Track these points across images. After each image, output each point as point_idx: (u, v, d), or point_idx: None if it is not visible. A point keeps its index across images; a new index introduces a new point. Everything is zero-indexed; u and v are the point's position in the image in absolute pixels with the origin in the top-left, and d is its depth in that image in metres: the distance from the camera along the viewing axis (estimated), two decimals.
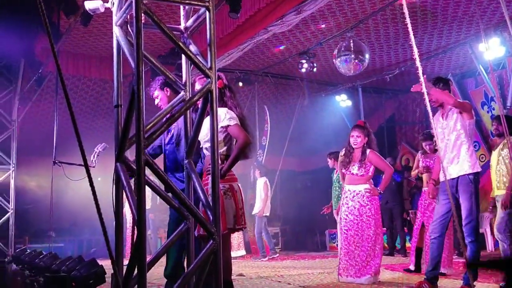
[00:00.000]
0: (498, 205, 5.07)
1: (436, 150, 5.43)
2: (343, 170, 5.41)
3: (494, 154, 5.19)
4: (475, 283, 3.99)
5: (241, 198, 3.45)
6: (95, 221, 2.50)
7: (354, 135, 5.22)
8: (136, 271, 2.27)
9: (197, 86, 3.08)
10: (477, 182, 4.07)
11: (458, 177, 4.06)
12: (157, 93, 4.12)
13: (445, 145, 4.17)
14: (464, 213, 4.01)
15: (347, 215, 5.18)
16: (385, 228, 8.98)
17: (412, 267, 5.92)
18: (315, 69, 9.42)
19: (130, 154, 2.51)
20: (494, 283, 4.49)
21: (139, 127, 2.29)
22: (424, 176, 6.08)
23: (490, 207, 5.45)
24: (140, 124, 2.29)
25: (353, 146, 5.24)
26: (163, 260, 8.87)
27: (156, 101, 4.14)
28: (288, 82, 11.35)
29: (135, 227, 2.39)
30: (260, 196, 9.40)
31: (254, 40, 7.57)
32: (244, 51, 8.12)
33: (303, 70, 9.35)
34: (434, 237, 4.14)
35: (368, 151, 5.18)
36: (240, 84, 10.60)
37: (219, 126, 3.31)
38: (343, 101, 11.56)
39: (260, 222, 9.32)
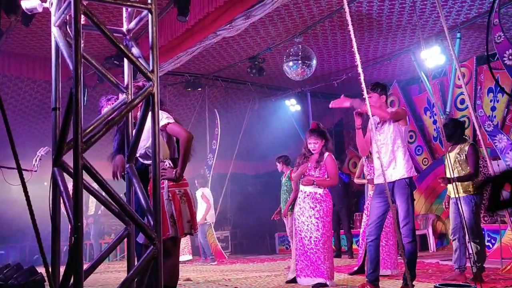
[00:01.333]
0: (452, 208, 5.22)
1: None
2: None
3: (451, 157, 5.27)
4: (414, 282, 4.13)
5: (193, 203, 3.44)
6: (39, 227, 2.41)
7: (312, 142, 5.27)
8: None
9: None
10: (413, 186, 4.22)
11: (394, 181, 4.19)
12: (104, 103, 4.11)
13: (381, 149, 4.28)
14: (401, 215, 4.14)
15: (299, 216, 5.24)
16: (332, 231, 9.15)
17: (355, 268, 6.06)
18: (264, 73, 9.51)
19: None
20: (433, 281, 4.66)
21: (77, 131, 2.23)
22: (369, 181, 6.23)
23: (447, 203, 5.57)
24: (78, 127, 2.23)
25: (312, 151, 5.28)
26: (115, 266, 8.59)
27: (101, 110, 4.12)
28: (238, 86, 11.39)
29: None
30: (200, 205, 9.61)
31: (203, 44, 7.56)
32: (193, 55, 8.09)
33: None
34: (371, 239, 4.25)
35: (326, 153, 5.25)
36: (198, 89, 10.61)
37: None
38: (292, 105, 11.70)
39: (202, 229, 9.49)
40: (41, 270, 4.07)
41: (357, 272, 5.98)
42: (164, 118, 3.32)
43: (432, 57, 8.48)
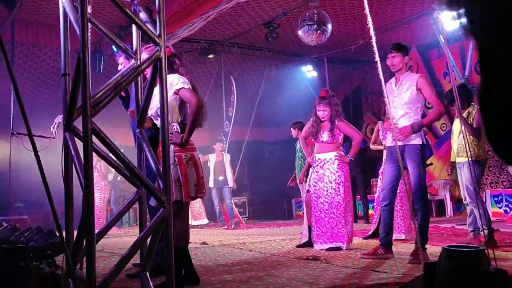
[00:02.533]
0: (460, 171, 5.26)
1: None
2: (312, 140, 5.46)
3: (456, 122, 5.32)
4: (427, 246, 4.15)
5: (201, 167, 3.47)
6: (60, 193, 2.48)
7: (321, 109, 5.25)
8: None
9: (144, 56, 3.03)
10: (424, 152, 4.18)
11: (404, 145, 4.15)
12: (121, 60, 4.15)
13: (394, 112, 4.24)
14: (412, 180, 4.12)
15: (316, 183, 5.25)
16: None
17: (370, 233, 6.11)
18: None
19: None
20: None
21: (85, 96, 2.26)
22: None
23: (449, 170, 5.69)
24: (86, 92, 2.26)
25: (322, 119, 5.27)
26: (135, 231, 8.74)
27: (119, 67, 4.18)
28: (254, 53, 11.31)
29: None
30: (229, 168, 9.77)
31: (217, 9, 7.47)
32: (208, 21, 8.01)
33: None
34: (385, 204, 4.25)
35: (337, 120, 5.24)
36: (211, 56, 10.53)
37: (172, 91, 3.29)
38: (309, 71, 11.60)
39: (229, 192, 9.72)
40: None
41: (371, 236, 6.02)
42: (180, 82, 3.33)
43: (451, 20, 8.25)
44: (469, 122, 5.15)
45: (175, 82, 3.31)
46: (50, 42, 9.14)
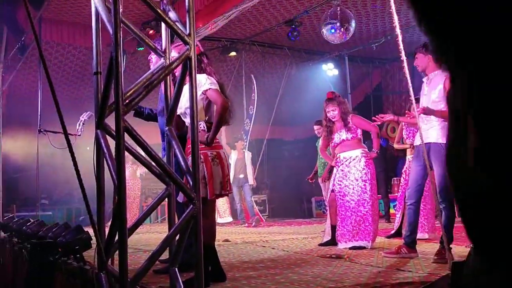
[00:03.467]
0: None
1: None
2: (329, 143, 5.47)
3: None
4: (451, 245, 4.12)
5: (227, 165, 3.51)
6: (86, 189, 2.53)
7: (330, 110, 5.26)
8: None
9: (173, 54, 3.08)
10: None
11: (430, 143, 4.13)
12: (153, 57, 4.21)
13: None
14: (437, 179, 4.09)
15: (341, 181, 5.22)
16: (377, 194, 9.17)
17: (392, 232, 6.08)
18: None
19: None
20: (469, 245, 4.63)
21: (118, 94, 2.31)
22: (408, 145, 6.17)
23: None
24: (119, 90, 2.31)
25: (333, 120, 5.28)
26: (156, 228, 8.84)
27: (151, 64, 4.23)
28: (275, 51, 11.32)
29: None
30: (249, 166, 9.78)
31: (239, 7, 7.51)
32: (230, 19, 8.05)
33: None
34: (411, 203, 4.23)
35: (349, 116, 5.24)
36: (233, 53, 10.58)
37: (200, 91, 3.33)
38: (330, 70, 11.57)
39: (249, 189, 9.75)
40: (87, 229, 4.28)
41: (393, 236, 5.99)
42: (207, 83, 3.38)
43: None
44: None
45: (203, 82, 3.35)
46: (74, 40, 9.30)
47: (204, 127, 3.39)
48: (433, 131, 4.15)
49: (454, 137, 0.64)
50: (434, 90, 4.18)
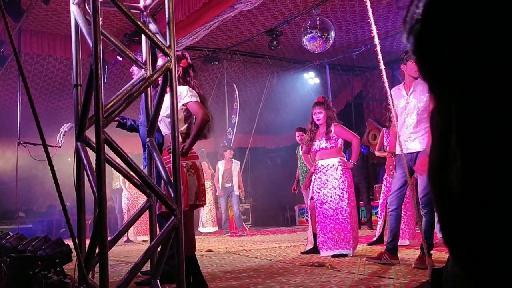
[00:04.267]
0: None
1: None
2: (310, 149, 5.51)
3: None
4: (432, 251, 4.17)
5: (203, 175, 3.49)
6: (65, 202, 2.50)
7: (316, 112, 5.32)
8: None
9: (159, 63, 3.10)
10: None
11: (417, 152, 4.19)
12: (135, 68, 4.23)
13: (404, 120, 4.27)
14: (421, 185, 4.15)
15: (319, 189, 5.27)
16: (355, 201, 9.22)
17: (374, 239, 6.14)
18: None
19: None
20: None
21: (98, 106, 2.30)
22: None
23: None
24: (99, 103, 2.31)
25: (317, 123, 5.34)
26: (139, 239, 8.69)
27: (134, 76, 4.25)
28: (256, 60, 11.38)
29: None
30: (236, 176, 9.73)
31: (220, 18, 7.55)
32: (211, 29, 8.09)
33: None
34: (392, 209, 4.29)
35: (333, 124, 5.29)
36: (216, 63, 10.60)
37: (180, 103, 3.34)
38: (311, 78, 11.67)
39: (237, 199, 9.71)
40: (67, 242, 4.23)
41: (375, 243, 6.04)
42: (188, 96, 3.39)
43: None
44: None
45: (184, 94, 3.36)
46: (54, 51, 9.22)
47: (179, 137, 3.40)
48: (415, 142, 4.22)
49: (438, 161, 0.61)
50: (422, 97, 4.24)
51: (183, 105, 3.36)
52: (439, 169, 0.60)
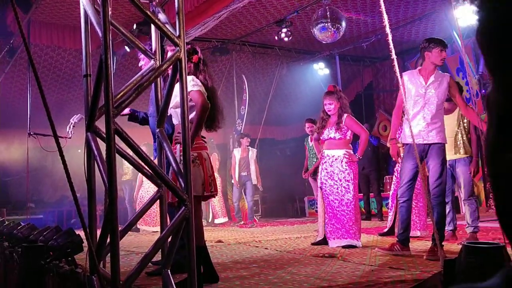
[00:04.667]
0: (460, 167, 5.30)
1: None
2: (319, 137, 5.51)
3: (452, 118, 5.32)
4: (443, 243, 4.15)
5: (210, 166, 3.45)
6: (76, 193, 2.50)
7: (327, 103, 5.30)
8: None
9: (169, 55, 3.09)
10: (445, 150, 4.21)
11: (431, 143, 4.16)
12: (142, 56, 4.21)
13: (420, 109, 4.23)
14: (434, 176, 4.12)
15: (326, 180, 5.27)
16: (361, 194, 9.18)
17: (385, 230, 6.12)
18: (286, 39, 9.41)
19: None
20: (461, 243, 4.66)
21: (108, 96, 2.30)
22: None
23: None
24: (109, 93, 2.30)
25: (329, 113, 5.31)
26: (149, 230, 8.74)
27: (141, 63, 4.21)
28: (266, 51, 11.33)
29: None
30: (253, 164, 9.64)
31: (229, 8, 7.51)
32: (220, 20, 8.05)
33: (284, 38, 9.37)
34: (403, 200, 4.26)
35: (344, 115, 5.26)
36: (225, 54, 10.57)
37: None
38: (320, 69, 11.60)
39: (254, 189, 9.59)
40: (78, 232, 4.25)
41: (387, 234, 6.02)
42: (190, 85, 3.36)
43: (465, 16, 8.21)
44: (464, 122, 5.27)
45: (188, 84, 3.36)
46: (64, 43, 9.23)
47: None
48: (434, 133, 4.18)
49: (500, 140, 0.60)
50: (440, 88, 4.22)
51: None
52: (502, 148, 0.59)
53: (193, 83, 3.38)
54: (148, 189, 8.56)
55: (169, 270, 2.59)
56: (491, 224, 6.49)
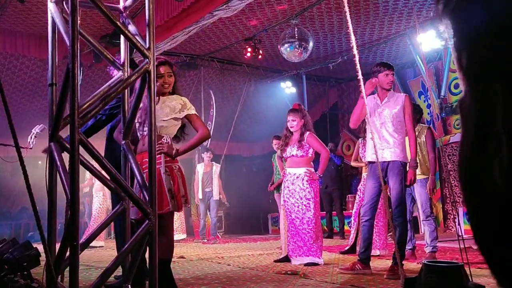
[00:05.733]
0: (418, 189, 5.41)
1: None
2: (282, 154, 5.55)
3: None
4: (403, 262, 4.21)
5: (184, 178, 3.49)
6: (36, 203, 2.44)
7: (290, 119, 5.36)
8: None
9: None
10: (405, 169, 4.29)
11: (389, 162, 4.24)
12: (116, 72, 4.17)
13: (380, 128, 4.33)
14: (394, 195, 4.20)
15: (288, 198, 5.31)
16: (324, 212, 9.26)
17: (346, 248, 6.18)
18: (260, 56, 9.50)
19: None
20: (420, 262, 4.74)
21: (73, 106, 2.26)
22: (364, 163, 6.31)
23: None
24: (75, 102, 2.26)
25: (291, 130, 5.37)
26: (109, 244, 8.53)
27: (114, 73, 4.18)
28: (234, 68, 11.39)
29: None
30: (217, 181, 9.54)
31: (199, 24, 7.54)
32: (189, 35, 8.07)
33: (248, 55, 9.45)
34: (366, 219, 4.32)
35: (307, 133, 5.31)
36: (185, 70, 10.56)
37: (185, 113, 3.42)
38: (287, 88, 11.72)
39: (216, 205, 9.49)
40: (36, 246, 4.12)
41: (348, 252, 6.08)
42: (192, 108, 3.48)
43: (428, 41, 8.50)
44: (420, 140, 5.42)
45: (188, 106, 3.46)
46: (29, 52, 9.04)
47: (168, 140, 3.39)
48: (388, 151, 4.27)
49: (475, 152, 0.54)
50: (396, 107, 4.33)
51: (185, 116, 3.42)
52: (477, 161, 0.53)
53: (189, 106, 3.47)
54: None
55: (129, 285, 2.54)
56: (449, 244, 6.64)
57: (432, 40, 8.54)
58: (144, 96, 2.64)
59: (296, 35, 8.07)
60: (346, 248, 6.23)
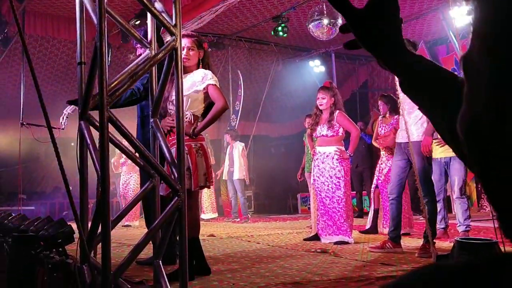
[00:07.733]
0: (446, 166, 5.29)
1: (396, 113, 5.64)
2: (312, 134, 5.50)
3: None
4: (435, 240, 4.15)
5: (209, 157, 3.53)
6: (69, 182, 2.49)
7: (320, 97, 5.29)
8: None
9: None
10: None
11: (413, 142, 4.18)
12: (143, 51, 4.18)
13: (407, 112, 4.25)
14: (418, 174, 4.13)
15: (318, 177, 5.28)
16: (354, 191, 9.19)
17: (367, 228, 6.16)
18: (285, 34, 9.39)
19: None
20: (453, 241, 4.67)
21: (102, 84, 2.27)
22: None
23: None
24: (103, 80, 2.27)
25: (320, 108, 5.30)
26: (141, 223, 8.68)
27: (139, 52, 4.18)
28: (262, 47, 11.30)
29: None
30: (239, 160, 9.43)
31: (226, 2, 7.48)
32: (216, 14, 8.02)
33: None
34: (393, 198, 4.27)
35: (336, 112, 5.24)
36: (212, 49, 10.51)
37: (204, 84, 3.38)
38: (316, 66, 11.58)
39: (241, 185, 9.41)
40: (70, 223, 4.22)
41: (368, 232, 6.04)
42: (212, 79, 3.41)
43: (461, 16, 8.22)
44: None
45: (209, 77, 3.41)
46: (58, 34, 9.16)
47: (190, 118, 3.39)
48: (416, 132, 4.19)
49: (484, 112, 0.49)
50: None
51: (205, 86, 3.39)
52: (488, 124, 0.48)
53: (215, 78, 3.44)
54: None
55: (160, 261, 2.57)
56: (482, 223, 6.52)
57: (465, 15, 8.25)
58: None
59: (325, 12, 7.93)
60: (367, 228, 6.19)
